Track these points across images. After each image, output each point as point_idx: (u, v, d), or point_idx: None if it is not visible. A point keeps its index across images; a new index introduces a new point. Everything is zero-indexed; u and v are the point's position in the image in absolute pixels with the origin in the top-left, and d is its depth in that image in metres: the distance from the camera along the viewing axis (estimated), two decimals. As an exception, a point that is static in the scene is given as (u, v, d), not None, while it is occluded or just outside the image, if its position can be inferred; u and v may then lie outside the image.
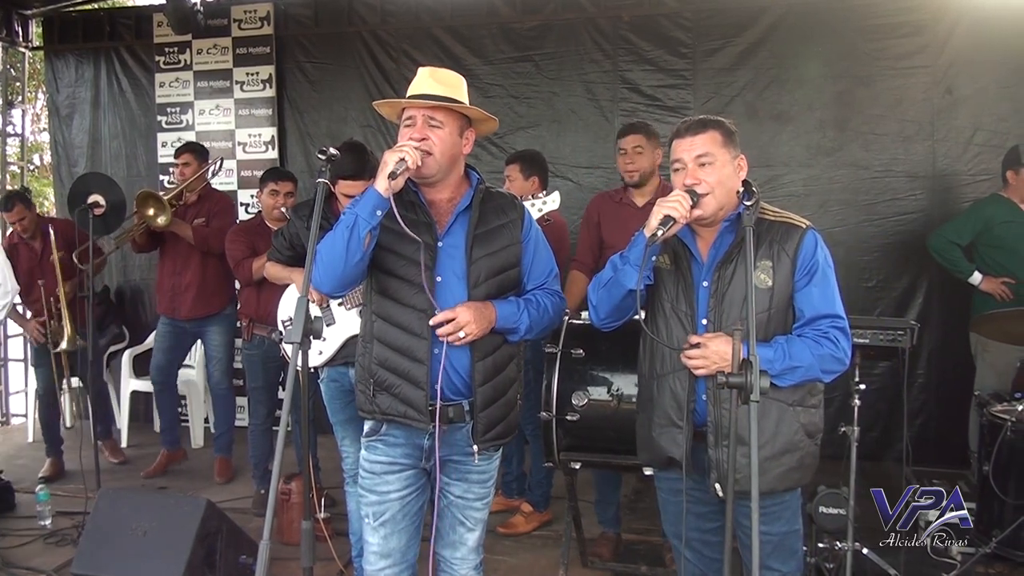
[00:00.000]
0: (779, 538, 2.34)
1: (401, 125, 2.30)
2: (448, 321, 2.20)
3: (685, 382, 2.24)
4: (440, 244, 2.28)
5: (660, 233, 2.12)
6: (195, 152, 4.97)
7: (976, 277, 4.45)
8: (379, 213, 2.17)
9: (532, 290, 2.41)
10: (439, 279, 2.27)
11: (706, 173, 2.20)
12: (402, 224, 2.21)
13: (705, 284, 2.24)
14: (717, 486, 2.22)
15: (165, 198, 4.66)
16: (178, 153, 4.99)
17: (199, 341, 5.31)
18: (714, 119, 2.28)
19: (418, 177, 2.26)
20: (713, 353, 2.12)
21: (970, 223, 4.49)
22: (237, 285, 5.30)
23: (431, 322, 2.22)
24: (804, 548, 2.62)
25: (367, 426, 2.42)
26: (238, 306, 5.12)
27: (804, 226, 2.25)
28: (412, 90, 2.30)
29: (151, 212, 4.63)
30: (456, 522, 2.41)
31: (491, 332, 2.28)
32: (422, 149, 2.21)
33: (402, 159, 2.15)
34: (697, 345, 2.15)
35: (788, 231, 2.23)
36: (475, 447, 2.33)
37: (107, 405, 4.99)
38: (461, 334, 2.20)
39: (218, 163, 5.32)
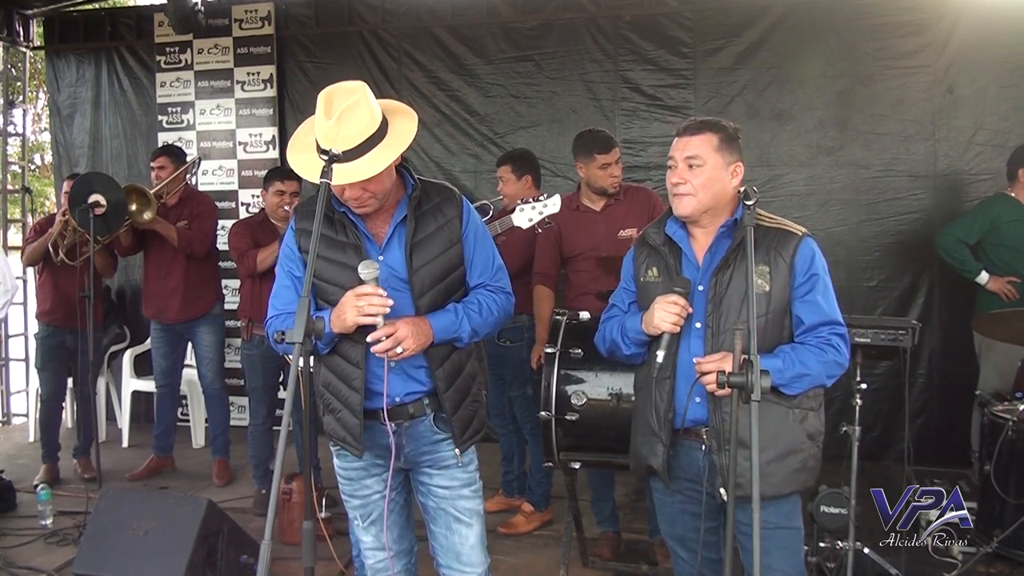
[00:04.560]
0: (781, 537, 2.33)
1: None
2: (388, 336, 2.15)
3: (664, 391, 2.25)
4: (380, 258, 2.25)
5: (660, 358, 2.18)
6: (171, 155, 4.96)
7: (983, 277, 4.43)
8: (337, 339, 2.23)
9: (476, 287, 2.36)
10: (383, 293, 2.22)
11: (693, 175, 2.23)
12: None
13: (701, 288, 2.24)
14: (723, 491, 2.20)
15: (151, 192, 4.67)
16: (153, 157, 4.99)
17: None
18: (714, 121, 2.28)
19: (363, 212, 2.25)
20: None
21: (978, 222, 4.47)
22: (225, 283, 5.35)
23: (368, 338, 2.16)
24: (805, 548, 2.62)
25: (330, 439, 2.43)
26: (224, 305, 5.16)
27: (800, 233, 2.26)
28: (322, 142, 2.12)
29: (134, 207, 4.63)
30: (451, 519, 2.38)
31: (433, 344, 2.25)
32: (362, 204, 2.20)
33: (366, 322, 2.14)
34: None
35: (785, 238, 2.24)
36: (457, 450, 2.34)
37: (91, 418, 4.97)
38: (399, 349, 2.16)
39: (196, 163, 5.33)
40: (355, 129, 2.12)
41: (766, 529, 2.29)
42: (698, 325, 2.23)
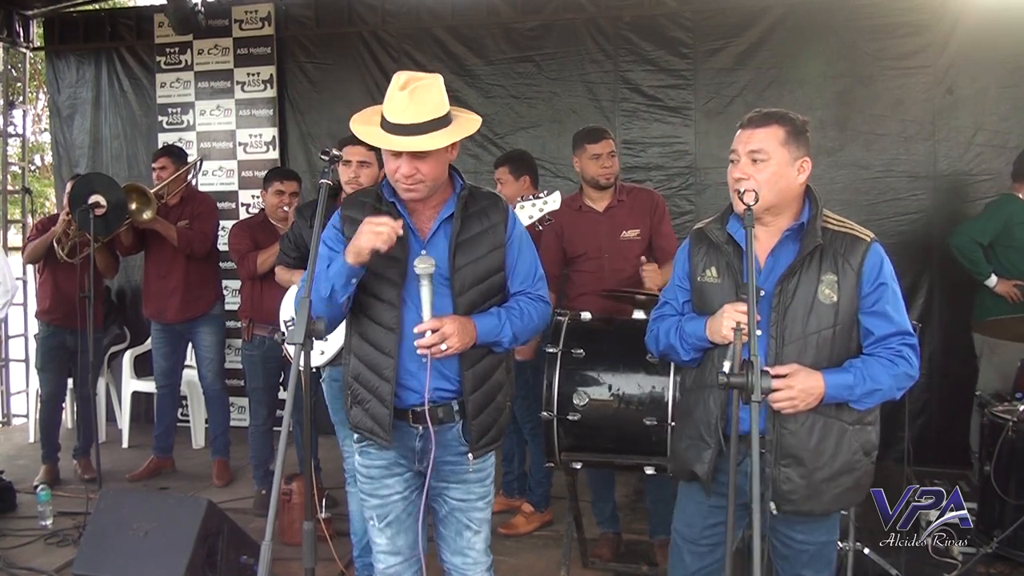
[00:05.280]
0: (817, 548, 2.30)
1: (384, 151, 2.22)
2: (433, 331, 2.15)
3: (719, 398, 2.18)
4: (423, 253, 2.24)
5: (727, 368, 2.01)
6: (172, 155, 4.97)
7: (992, 280, 4.42)
8: (355, 280, 2.20)
9: (516, 294, 2.37)
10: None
11: (756, 170, 2.13)
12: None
13: (763, 293, 2.14)
14: (772, 505, 2.14)
15: (151, 191, 4.67)
16: (155, 157, 5.00)
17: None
18: (781, 113, 2.19)
19: (410, 201, 2.25)
20: (800, 391, 2.05)
21: (992, 222, 4.44)
22: (226, 284, 5.35)
23: (416, 329, 2.17)
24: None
25: (356, 434, 2.43)
26: (225, 306, 5.17)
27: (868, 239, 2.16)
28: (389, 115, 2.15)
29: (134, 206, 4.63)
30: (462, 527, 2.40)
31: (475, 345, 2.26)
32: (413, 184, 2.18)
33: (376, 249, 2.12)
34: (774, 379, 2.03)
35: (853, 243, 2.15)
36: (470, 455, 2.33)
37: (91, 418, 4.98)
38: (443, 346, 2.16)
39: (198, 164, 5.33)
40: (424, 107, 2.15)
41: (811, 547, 2.27)
42: (759, 333, 2.06)
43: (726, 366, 2.01)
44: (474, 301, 2.28)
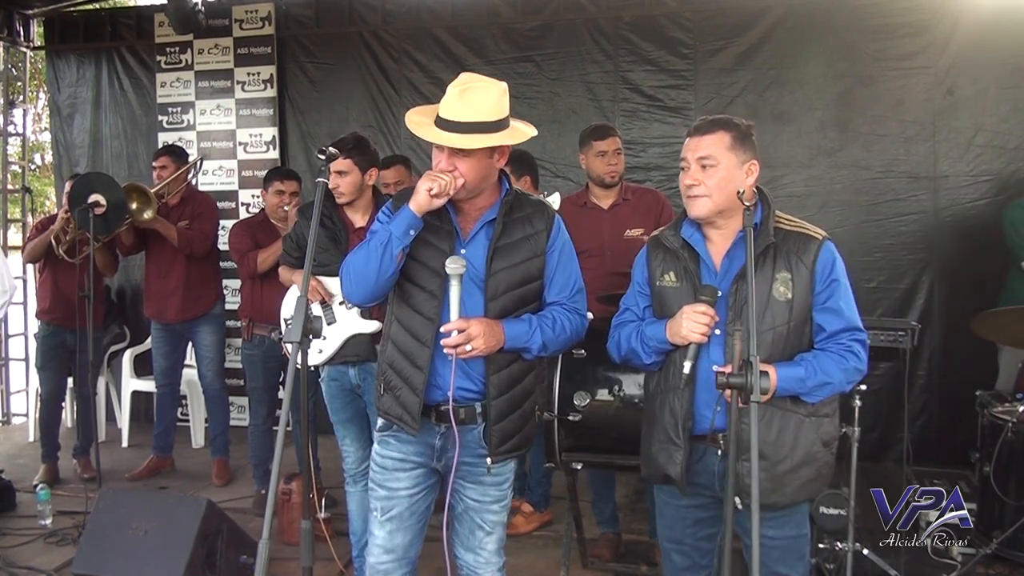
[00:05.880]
0: (787, 543, 2.32)
1: (433, 145, 2.27)
2: (460, 331, 2.17)
3: (684, 399, 2.22)
4: (463, 252, 2.27)
5: (688, 368, 2.12)
6: (172, 155, 4.97)
7: None
8: (412, 232, 2.22)
9: (552, 304, 2.37)
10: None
11: (706, 175, 2.19)
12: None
13: (719, 294, 2.19)
14: (737, 500, 2.15)
15: (151, 191, 4.67)
16: (156, 156, 5.00)
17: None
18: (726, 120, 2.24)
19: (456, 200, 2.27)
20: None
21: None
22: (226, 284, 5.35)
23: (443, 328, 2.20)
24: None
25: (380, 421, 2.44)
26: (225, 305, 5.16)
27: (820, 237, 2.22)
28: (440, 110, 2.21)
29: (134, 206, 4.63)
30: (475, 526, 2.42)
31: (502, 350, 2.27)
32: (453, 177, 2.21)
33: (429, 189, 2.16)
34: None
35: (805, 242, 2.21)
36: (488, 460, 2.33)
37: (91, 417, 4.98)
38: (468, 347, 2.18)
39: (198, 163, 5.32)
40: (473, 108, 2.21)
41: (782, 542, 2.29)
42: (717, 332, 2.17)
43: (687, 367, 2.12)
44: (506, 307, 2.29)
